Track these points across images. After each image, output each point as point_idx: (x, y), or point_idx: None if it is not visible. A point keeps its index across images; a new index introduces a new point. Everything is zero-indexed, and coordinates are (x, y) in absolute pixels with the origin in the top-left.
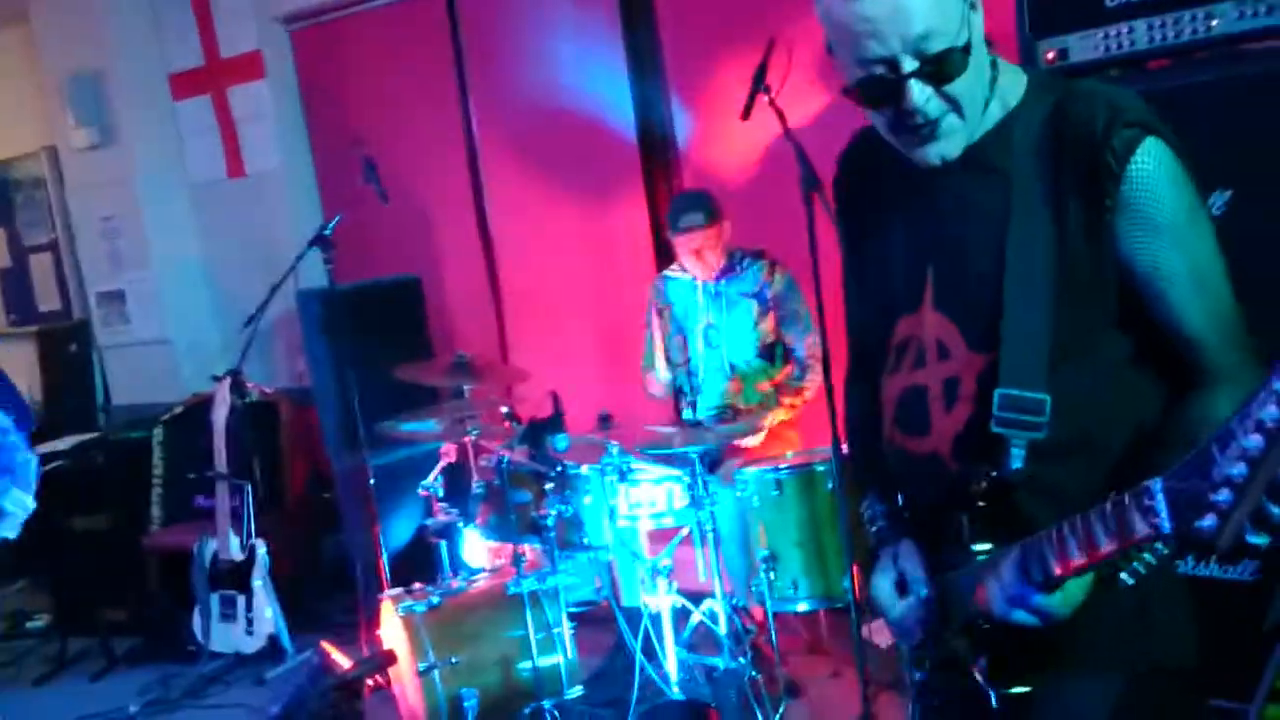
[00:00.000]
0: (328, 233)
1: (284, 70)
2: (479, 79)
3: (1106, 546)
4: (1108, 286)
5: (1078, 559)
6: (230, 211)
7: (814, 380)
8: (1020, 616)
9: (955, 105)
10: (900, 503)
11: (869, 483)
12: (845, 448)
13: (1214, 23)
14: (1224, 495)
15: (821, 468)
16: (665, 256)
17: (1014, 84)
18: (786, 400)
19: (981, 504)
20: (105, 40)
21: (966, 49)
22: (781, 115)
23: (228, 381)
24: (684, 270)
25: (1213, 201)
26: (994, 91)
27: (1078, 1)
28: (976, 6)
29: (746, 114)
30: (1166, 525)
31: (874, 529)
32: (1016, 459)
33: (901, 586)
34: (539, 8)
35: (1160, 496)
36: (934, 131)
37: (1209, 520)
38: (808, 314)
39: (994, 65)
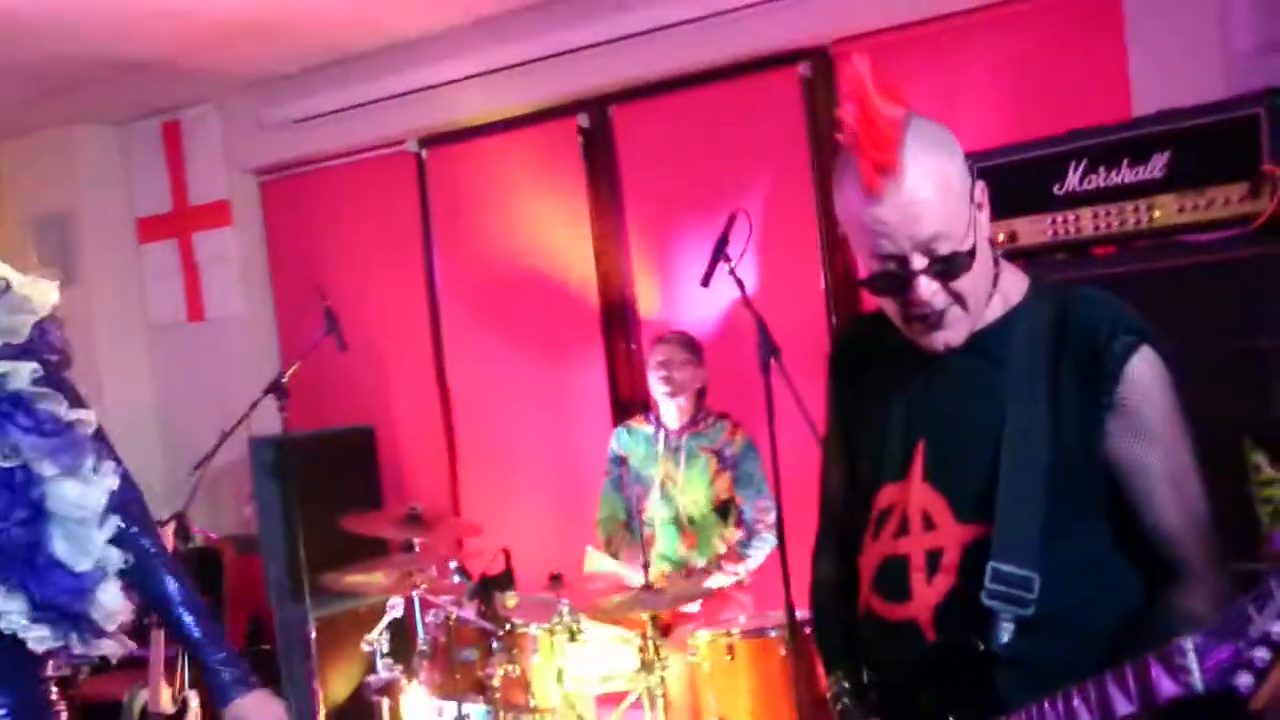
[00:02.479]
0: (284, 380)
1: (251, 218)
2: (444, 234)
3: (1123, 709)
4: (1095, 477)
5: (1121, 708)
6: (187, 354)
7: (761, 547)
8: None
9: (960, 299)
10: (866, 678)
11: (834, 657)
12: (805, 613)
13: (1155, 214)
14: (1261, 653)
15: (774, 633)
16: (622, 414)
17: (1016, 283)
18: (729, 567)
19: (960, 676)
20: (74, 182)
21: (972, 251)
22: (741, 284)
23: (172, 525)
24: (645, 423)
25: None
26: (997, 287)
27: (1028, 187)
28: (982, 207)
29: (706, 282)
30: (1199, 683)
31: (838, 706)
32: (1005, 633)
33: None
34: (507, 166)
35: (1192, 655)
36: (940, 321)
37: (1244, 678)
38: (762, 478)
39: (997, 263)
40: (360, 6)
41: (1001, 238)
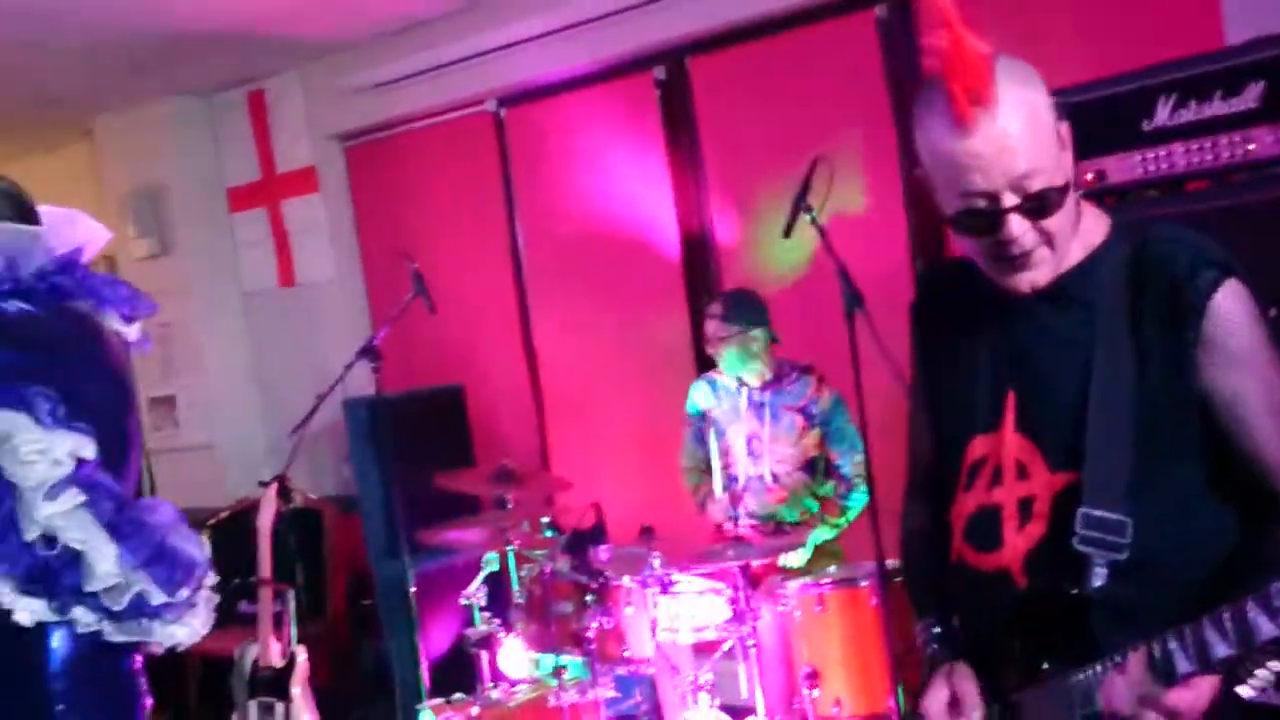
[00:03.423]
0: (375, 342)
1: (338, 184)
2: (525, 191)
3: (1221, 652)
4: (1188, 415)
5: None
6: (280, 320)
7: (860, 499)
8: (1150, 718)
9: (1049, 238)
10: (956, 624)
11: (924, 603)
12: (897, 564)
13: (1250, 146)
14: None
15: (865, 584)
16: (707, 367)
17: (1097, 225)
18: (831, 519)
19: (1054, 621)
20: (167, 155)
21: (1063, 188)
22: (823, 233)
23: (275, 487)
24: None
25: None
26: (1078, 229)
27: (1115, 124)
28: (1066, 147)
29: (788, 233)
30: None
31: (928, 650)
32: (1098, 578)
33: (954, 706)
34: (585, 123)
35: None
36: (1027, 262)
37: None
38: (854, 431)
39: (1078, 204)
40: None
41: (1089, 177)
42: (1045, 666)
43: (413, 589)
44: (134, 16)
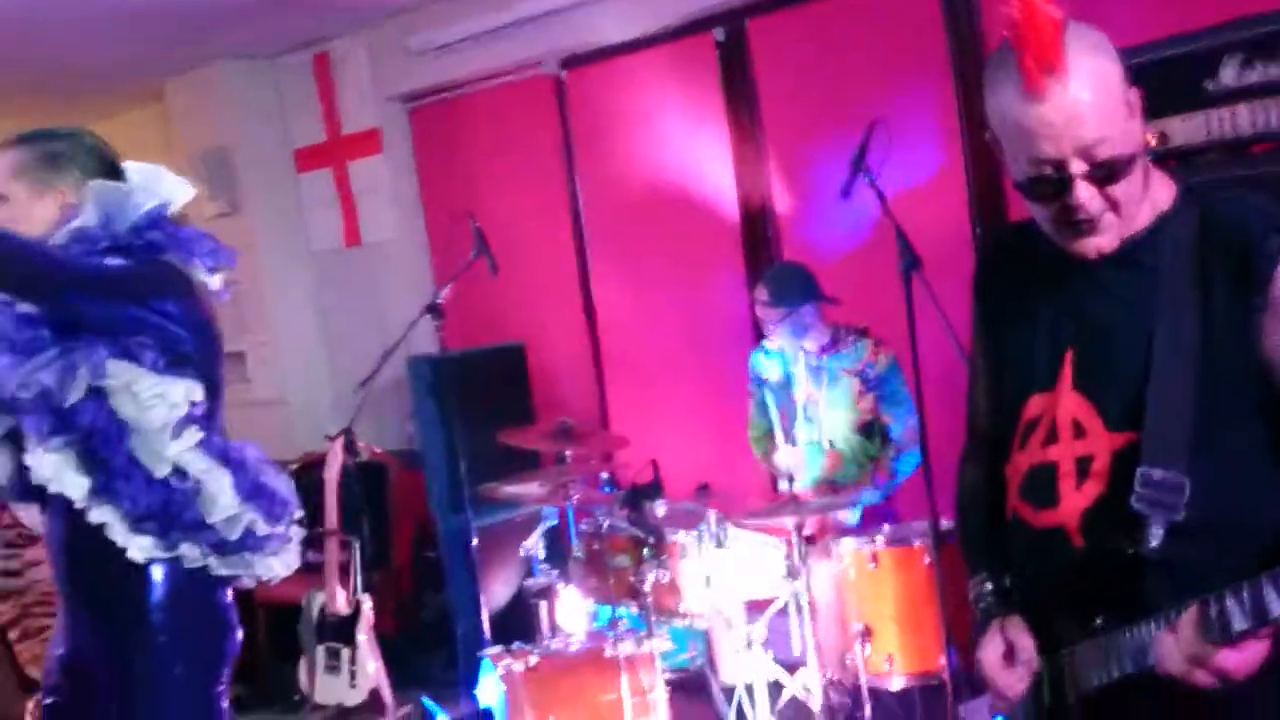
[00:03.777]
0: (439, 301)
1: (401, 145)
2: (585, 154)
3: (1278, 610)
4: (1251, 379)
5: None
6: (346, 278)
7: (910, 462)
8: (1199, 678)
9: (1115, 205)
10: (1009, 581)
11: (978, 560)
12: (951, 525)
13: None
14: None
15: (918, 542)
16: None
17: (1165, 189)
18: (883, 482)
19: (1110, 579)
20: (235, 118)
21: (1131, 157)
22: (882, 196)
23: (341, 441)
24: (785, 343)
25: None
26: (1147, 193)
27: (1180, 84)
28: (1136, 114)
29: (846, 194)
30: None
31: (981, 605)
32: (1155, 537)
33: (1009, 657)
34: (644, 84)
35: None
36: (1094, 227)
37: None
38: (908, 396)
39: (1146, 170)
40: None
41: (1152, 139)
42: (1099, 622)
43: (474, 541)
44: None
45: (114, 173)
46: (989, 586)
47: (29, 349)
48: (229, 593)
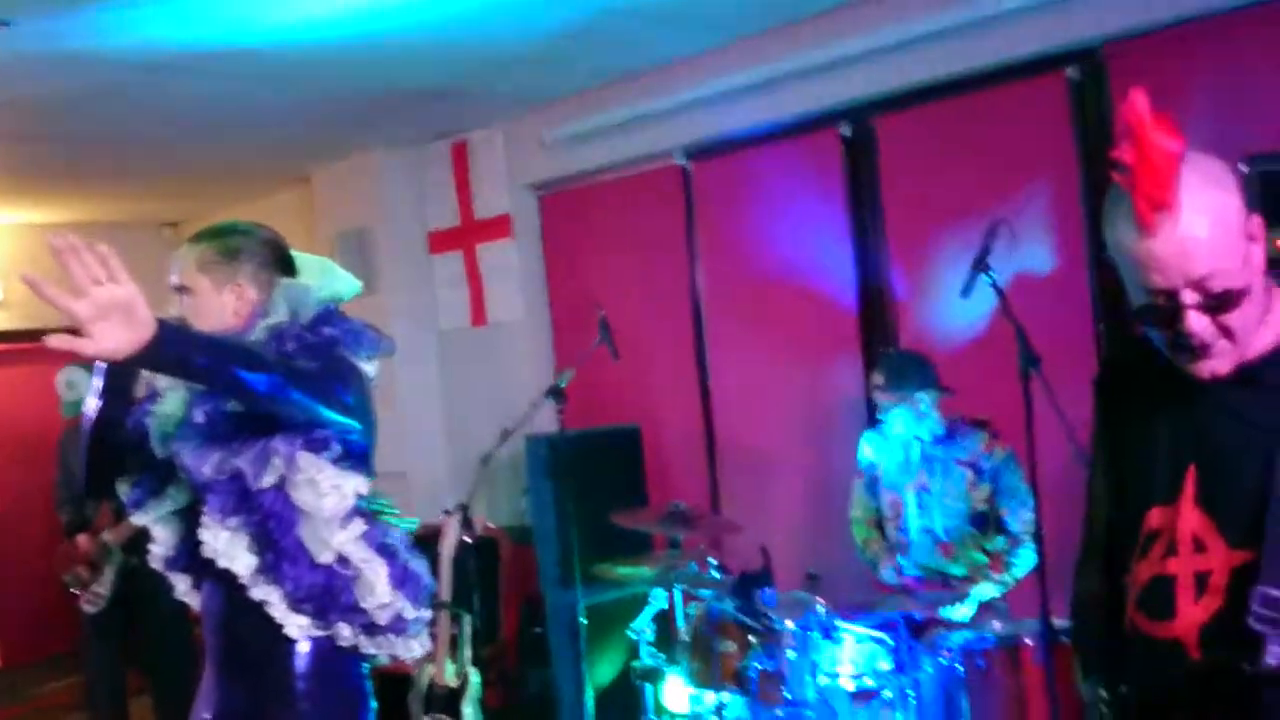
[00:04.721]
0: (561, 385)
1: (530, 230)
2: (708, 241)
3: None
4: None
5: None
6: (471, 356)
7: (1027, 557)
8: None
9: (1228, 333)
10: (1123, 690)
11: (1094, 667)
12: (1063, 624)
13: None
14: None
15: (1029, 640)
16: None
17: None
18: (996, 576)
19: (1226, 694)
20: (376, 201)
21: (1245, 289)
22: (1002, 295)
23: (458, 516)
24: (900, 429)
25: None
26: (1267, 316)
27: None
28: (1258, 240)
29: (966, 293)
30: None
31: (1095, 715)
32: (1273, 655)
33: None
34: (770, 177)
35: None
36: (1207, 352)
37: None
38: (1025, 489)
39: (1269, 292)
40: (628, 32)
41: None
42: None
43: (583, 620)
44: (355, 78)
45: (287, 264)
46: (1103, 695)
47: (228, 436)
48: (365, 666)
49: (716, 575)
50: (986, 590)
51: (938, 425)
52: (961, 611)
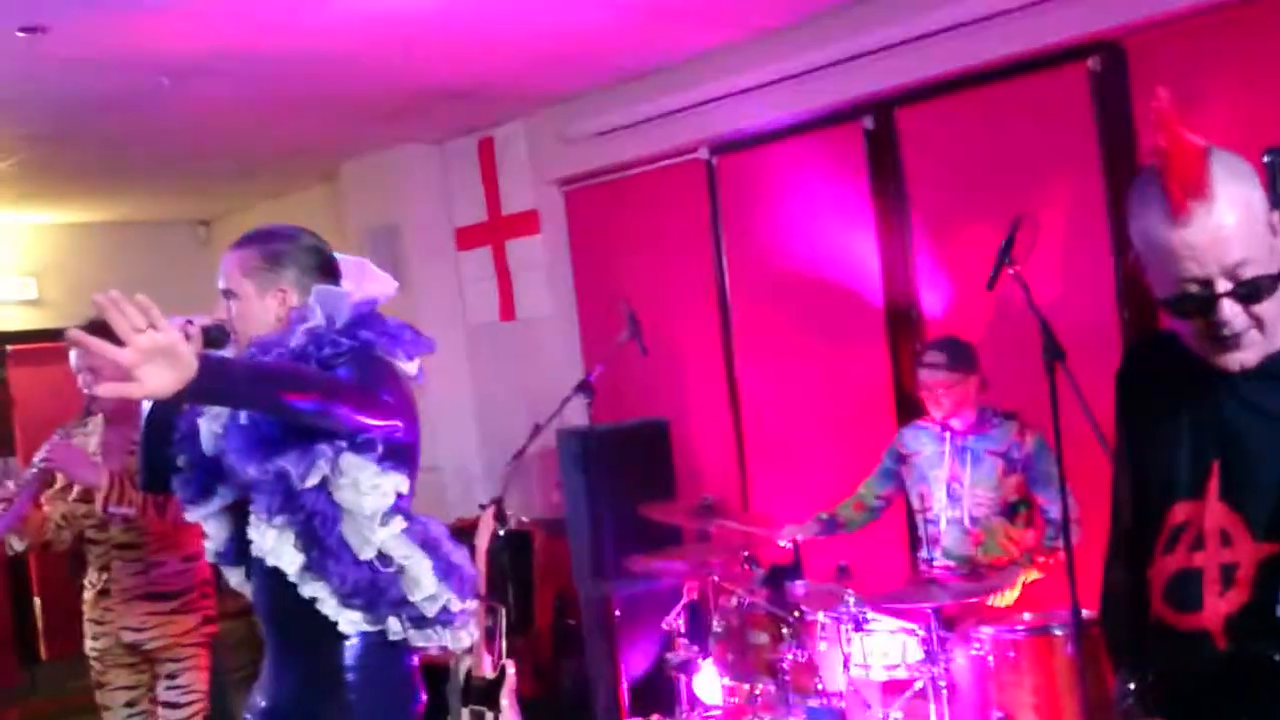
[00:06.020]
0: (591, 379)
1: (557, 226)
2: (733, 235)
3: None
4: None
5: None
6: (500, 351)
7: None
8: None
9: (1259, 323)
10: (1150, 680)
11: (1122, 660)
12: (1093, 615)
13: None
14: None
15: (1059, 631)
16: (907, 413)
17: None
18: (1041, 559)
19: (1254, 684)
20: (404, 198)
21: (1276, 277)
22: (1026, 288)
23: (492, 510)
24: (932, 423)
25: None
26: None
27: None
28: (1278, 235)
29: (991, 285)
30: None
31: (1123, 705)
32: None
33: None
34: (794, 170)
35: None
36: (1238, 343)
37: None
38: (1060, 476)
39: None
40: (651, 28)
41: None
42: None
43: (616, 611)
44: (383, 76)
45: (330, 269)
46: (1131, 687)
47: (273, 437)
48: (414, 659)
49: (748, 567)
50: (1031, 576)
51: (969, 414)
52: (1007, 597)
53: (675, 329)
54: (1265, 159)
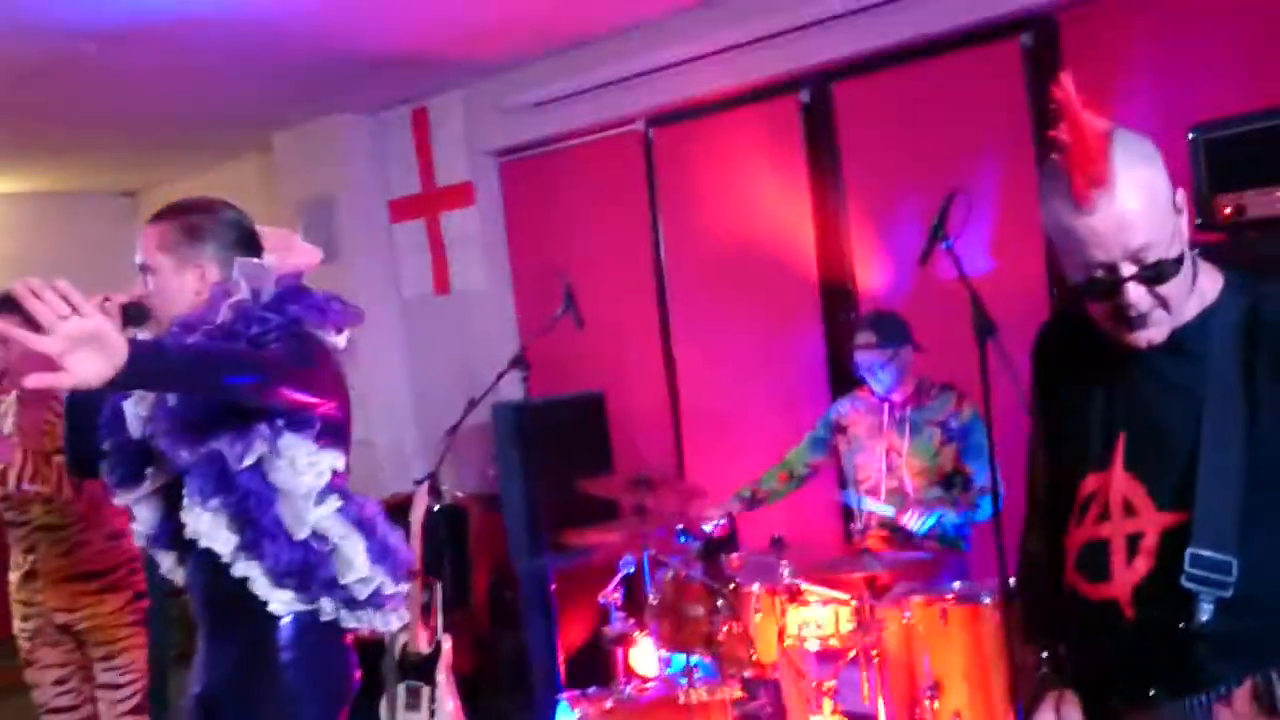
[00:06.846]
0: (525, 354)
1: (492, 198)
2: (670, 208)
3: None
4: None
5: None
6: (434, 325)
7: (987, 508)
8: None
9: (1164, 302)
10: (1063, 651)
11: (1036, 629)
12: (1015, 587)
13: None
14: None
15: (987, 600)
16: (841, 386)
17: (1211, 281)
18: (963, 505)
19: (1161, 651)
20: (336, 168)
21: (1179, 259)
22: (958, 262)
23: (427, 485)
24: (869, 395)
25: None
26: (1195, 286)
27: (1259, 158)
28: (1182, 211)
29: (924, 260)
30: None
31: (1038, 674)
32: (1205, 613)
33: None
34: (730, 143)
35: None
36: (1145, 321)
37: None
38: (990, 448)
39: (1195, 263)
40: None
41: (1228, 210)
42: (1152, 694)
43: (552, 585)
44: (317, 44)
45: (251, 243)
46: (1044, 656)
47: (203, 418)
48: (348, 638)
49: (683, 540)
50: (949, 516)
51: (908, 385)
52: (918, 523)
53: (611, 302)
54: (1190, 135)
